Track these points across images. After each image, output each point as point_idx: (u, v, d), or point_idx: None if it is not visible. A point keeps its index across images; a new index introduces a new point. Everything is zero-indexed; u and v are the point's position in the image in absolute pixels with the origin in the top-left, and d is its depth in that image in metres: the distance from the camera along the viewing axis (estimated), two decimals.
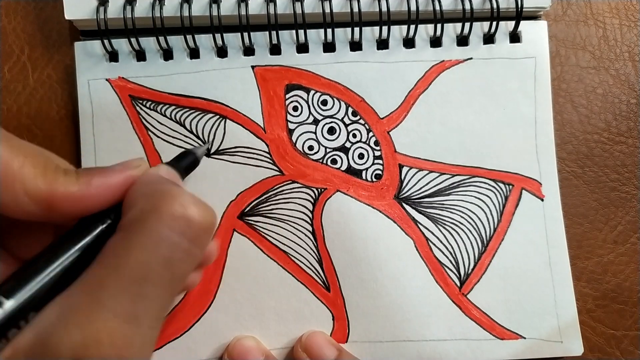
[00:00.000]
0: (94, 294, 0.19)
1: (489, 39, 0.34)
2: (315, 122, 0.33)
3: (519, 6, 0.32)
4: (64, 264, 0.21)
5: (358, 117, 0.33)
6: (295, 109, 0.33)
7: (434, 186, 0.33)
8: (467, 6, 0.32)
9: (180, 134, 0.33)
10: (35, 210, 0.21)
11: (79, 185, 0.22)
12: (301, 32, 0.33)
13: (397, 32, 0.33)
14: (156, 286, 0.20)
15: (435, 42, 0.34)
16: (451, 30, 0.34)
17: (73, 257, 0.21)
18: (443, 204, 0.33)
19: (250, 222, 0.33)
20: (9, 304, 0.19)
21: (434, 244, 0.33)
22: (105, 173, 0.23)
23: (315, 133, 0.33)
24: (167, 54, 0.33)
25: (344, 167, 0.33)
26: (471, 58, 0.34)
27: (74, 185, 0.21)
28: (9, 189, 0.20)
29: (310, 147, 0.33)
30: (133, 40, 0.32)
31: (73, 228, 0.22)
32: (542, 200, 0.33)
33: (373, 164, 0.33)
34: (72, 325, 0.18)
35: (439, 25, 0.33)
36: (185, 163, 0.28)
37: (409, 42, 0.34)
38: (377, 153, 0.33)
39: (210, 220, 0.21)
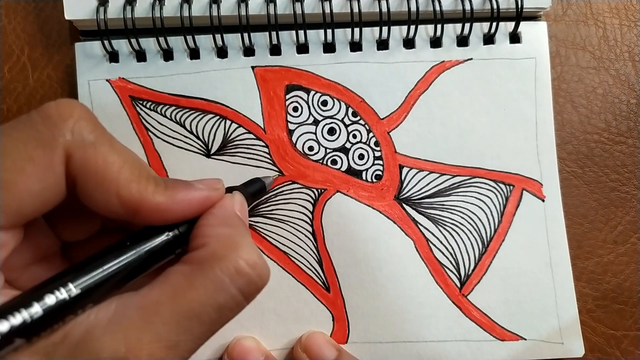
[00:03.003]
0: (148, 315, 0.20)
1: (489, 39, 0.34)
2: (316, 122, 0.33)
3: (519, 7, 0.32)
4: (128, 266, 0.22)
5: (358, 118, 0.33)
6: (295, 109, 0.33)
7: (434, 187, 0.33)
8: (467, 6, 0.32)
9: (181, 134, 0.33)
10: (120, 212, 0.22)
11: (165, 197, 0.23)
12: (301, 32, 0.33)
13: (397, 33, 0.33)
14: (202, 325, 0.21)
15: (436, 42, 0.34)
16: (451, 30, 0.34)
17: (137, 261, 0.23)
18: (443, 205, 0.33)
19: (250, 222, 0.33)
20: (74, 291, 0.21)
21: (434, 245, 0.33)
22: (188, 189, 0.24)
23: (315, 134, 0.33)
24: (167, 55, 0.33)
25: (344, 168, 0.33)
26: (471, 59, 0.34)
27: (161, 197, 0.23)
28: (104, 189, 0.22)
29: (311, 148, 0.33)
30: (133, 40, 0.32)
31: (140, 232, 0.24)
32: (543, 200, 0.33)
33: (373, 164, 0.33)
34: (120, 335, 0.20)
35: (439, 26, 0.33)
36: (253, 190, 0.30)
37: (409, 43, 0.34)
38: (377, 154, 0.33)
39: (265, 282, 0.23)
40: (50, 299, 0.20)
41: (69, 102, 0.22)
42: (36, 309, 0.19)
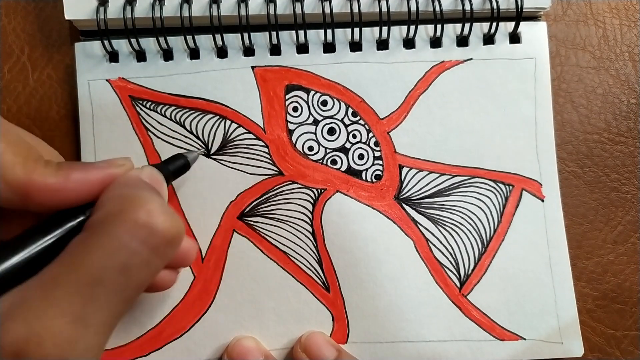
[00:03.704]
0: (46, 291, 0.19)
1: (488, 39, 0.34)
2: (315, 122, 0.33)
3: (519, 7, 0.32)
4: (27, 257, 0.21)
5: (358, 118, 0.33)
6: (295, 109, 0.33)
7: (434, 187, 0.33)
8: (467, 6, 0.32)
9: (180, 134, 0.33)
10: (12, 198, 0.21)
11: (57, 177, 0.22)
12: (301, 32, 0.33)
13: (397, 33, 0.33)
14: (109, 291, 0.19)
15: (435, 42, 0.34)
16: (451, 30, 0.34)
17: (37, 250, 0.21)
18: (443, 205, 0.33)
19: (250, 222, 0.33)
20: None
21: (434, 245, 0.33)
22: (86, 168, 0.23)
23: (315, 133, 0.33)
24: (167, 55, 0.33)
25: (343, 168, 0.33)
26: (471, 59, 0.34)
27: (52, 177, 0.22)
28: None
29: (310, 148, 0.33)
30: (133, 40, 0.32)
31: (44, 221, 0.22)
32: (543, 201, 0.33)
33: (373, 164, 0.33)
34: (19, 318, 0.18)
35: (439, 26, 0.33)
36: (175, 166, 0.28)
37: (409, 43, 0.34)
38: (377, 154, 0.33)
39: (176, 232, 0.21)
40: None
41: None
42: None
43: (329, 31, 0.33)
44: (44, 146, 0.23)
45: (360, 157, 0.33)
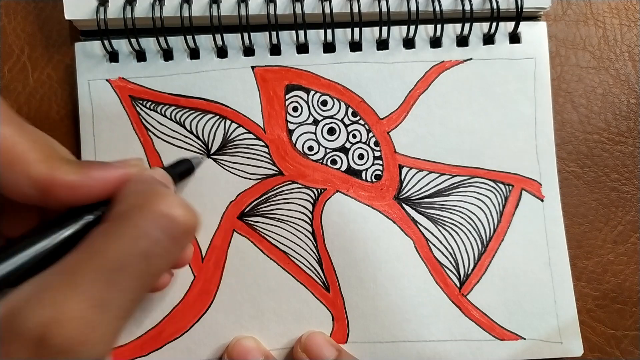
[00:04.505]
0: (69, 276, 0.19)
1: (488, 39, 0.34)
2: (315, 122, 0.33)
3: (519, 7, 0.32)
4: (46, 248, 0.22)
5: (358, 118, 0.33)
6: (295, 109, 0.33)
7: (434, 187, 0.33)
8: (467, 7, 0.32)
9: (180, 134, 0.33)
10: (33, 193, 0.22)
11: (78, 175, 0.23)
12: (301, 32, 0.33)
13: (397, 33, 0.33)
14: (130, 277, 0.20)
15: (435, 42, 0.34)
16: (451, 30, 0.34)
17: (56, 242, 0.22)
18: (443, 205, 0.33)
19: (250, 222, 0.33)
20: None
21: (434, 245, 0.33)
22: (104, 167, 0.24)
23: (315, 133, 0.33)
24: (167, 55, 0.33)
25: (343, 168, 0.33)
26: (471, 59, 0.34)
27: (73, 175, 0.23)
28: (12, 170, 0.22)
29: (310, 148, 0.33)
30: (133, 40, 0.32)
31: (61, 215, 0.23)
32: (542, 200, 0.33)
33: (373, 164, 0.33)
34: (43, 302, 0.19)
35: (438, 26, 0.33)
36: (181, 169, 0.30)
37: (408, 43, 0.34)
38: (377, 153, 0.33)
39: (193, 223, 0.22)
40: None
41: None
42: None
43: (329, 31, 0.33)
44: (60, 145, 0.24)
45: (360, 157, 0.33)
